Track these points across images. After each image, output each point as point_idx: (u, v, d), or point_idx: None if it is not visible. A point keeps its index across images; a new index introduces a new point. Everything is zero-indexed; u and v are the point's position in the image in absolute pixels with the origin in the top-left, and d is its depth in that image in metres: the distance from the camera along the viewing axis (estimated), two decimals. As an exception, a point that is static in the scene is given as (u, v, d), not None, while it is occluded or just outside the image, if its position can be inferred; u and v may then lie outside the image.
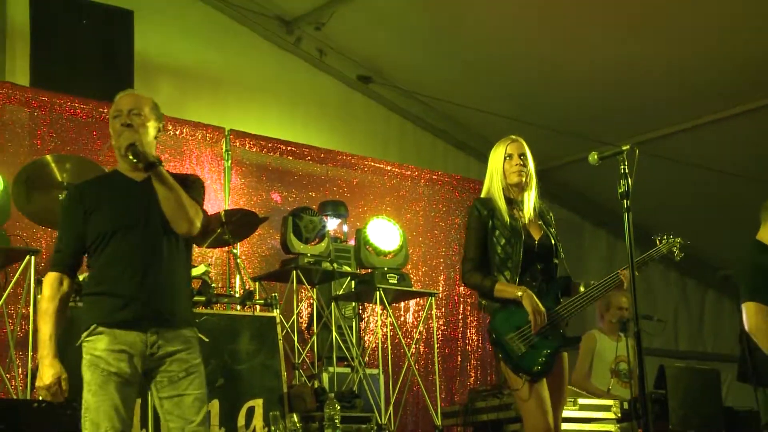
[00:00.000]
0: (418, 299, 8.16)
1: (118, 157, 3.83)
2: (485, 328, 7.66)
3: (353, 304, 7.40)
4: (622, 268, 4.52)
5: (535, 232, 4.57)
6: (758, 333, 5.35)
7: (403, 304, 8.26)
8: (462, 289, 8.80)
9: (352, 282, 7.32)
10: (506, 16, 8.21)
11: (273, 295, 6.35)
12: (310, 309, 7.25)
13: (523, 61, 8.67)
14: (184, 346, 3.73)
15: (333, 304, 7.11)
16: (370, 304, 7.45)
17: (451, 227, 8.97)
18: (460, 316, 8.87)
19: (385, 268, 7.09)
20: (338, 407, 5.72)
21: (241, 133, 7.79)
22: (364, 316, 7.71)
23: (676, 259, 4.81)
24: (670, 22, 7.92)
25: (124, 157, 3.72)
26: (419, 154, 9.57)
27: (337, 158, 8.46)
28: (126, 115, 3.76)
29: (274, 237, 7.55)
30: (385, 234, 7.28)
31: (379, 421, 6.48)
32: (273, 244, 7.64)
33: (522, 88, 8.98)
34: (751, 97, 8.78)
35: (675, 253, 4.78)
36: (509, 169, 4.58)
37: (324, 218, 7.29)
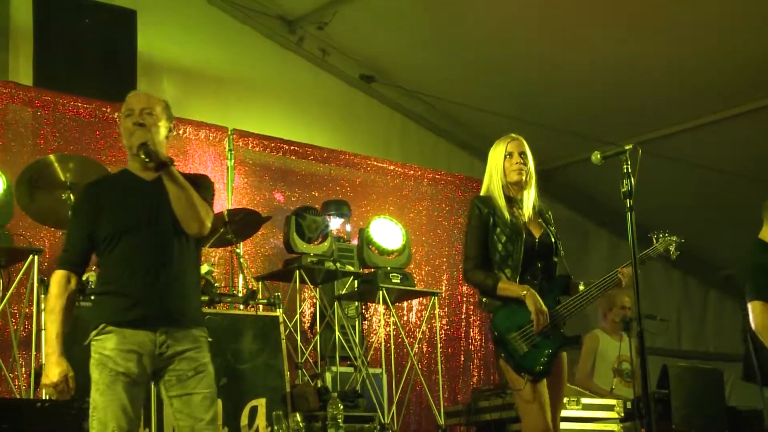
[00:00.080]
0: (421, 299, 8.16)
1: (129, 156, 3.82)
2: (488, 328, 7.64)
3: (356, 303, 7.40)
4: (621, 267, 4.53)
5: (536, 230, 4.57)
6: (764, 332, 5.35)
7: (406, 304, 8.26)
8: (465, 288, 8.80)
9: (355, 281, 7.32)
10: (509, 16, 8.21)
11: (276, 294, 6.36)
12: (313, 308, 7.25)
13: (526, 61, 8.67)
14: (193, 345, 3.72)
15: (336, 303, 7.12)
16: (373, 304, 7.45)
17: (454, 227, 8.97)
18: (463, 316, 8.87)
19: (388, 268, 7.08)
20: (341, 407, 5.73)
21: (244, 132, 7.81)
22: (367, 315, 7.71)
23: (672, 258, 4.81)
24: (670, 22, 7.92)
25: (136, 156, 3.70)
26: (422, 154, 9.57)
27: (340, 158, 8.46)
28: (138, 114, 3.74)
29: (277, 236, 7.55)
30: (388, 233, 7.28)
31: (382, 421, 6.48)
32: (276, 243, 7.65)
33: (524, 88, 8.98)
34: (752, 97, 8.77)
35: (671, 252, 4.78)
36: (509, 167, 4.57)
37: (327, 218, 7.29)
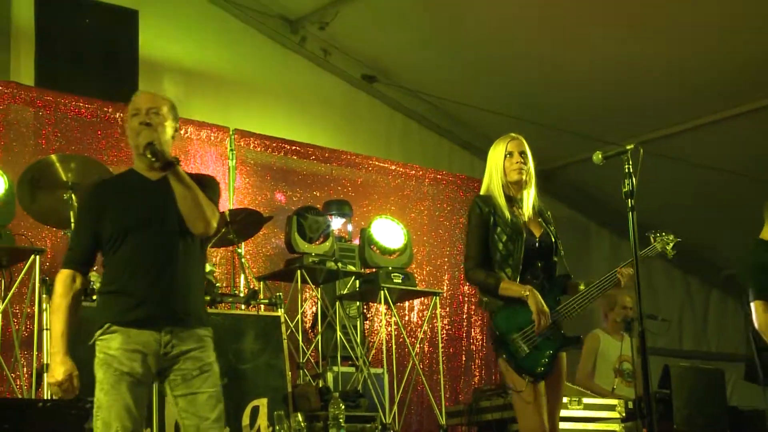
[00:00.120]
0: (422, 298, 8.15)
1: (135, 155, 3.81)
2: (489, 327, 7.63)
3: (358, 303, 7.40)
4: (620, 267, 4.53)
5: (536, 230, 4.57)
6: (767, 331, 5.35)
7: (407, 304, 8.26)
8: (466, 288, 8.80)
9: (357, 281, 7.32)
10: (510, 16, 8.21)
11: (277, 294, 6.35)
12: (315, 308, 7.25)
13: (527, 61, 8.67)
14: (197, 344, 3.71)
15: (337, 303, 7.11)
16: (375, 304, 7.44)
17: (456, 226, 8.96)
18: (465, 316, 8.86)
19: (390, 268, 7.08)
20: (342, 407, 5.73)
21: (246, 132, 7.80)
22: (369, 315, 7.71)
23: (669, 257, 4.80)
24: (670, 22, 7.92)
25: (142, 156, 3.70)
26: (424, 154, 9.56)
27: (342, 158, 8.46)
28: (145, 113, 3.74)
29: (279, 236, 7.55)
30: (389, 233, 7.28)
31: (384, 421, 6.48)
32: (277, 243, 7.64)
33: (526, 88, 8.98)
34: (752, 97, 8.77)
35: (668, 251, 4.77)
36: (509, 166, 4.56)
37: (328, 218, 7.29)
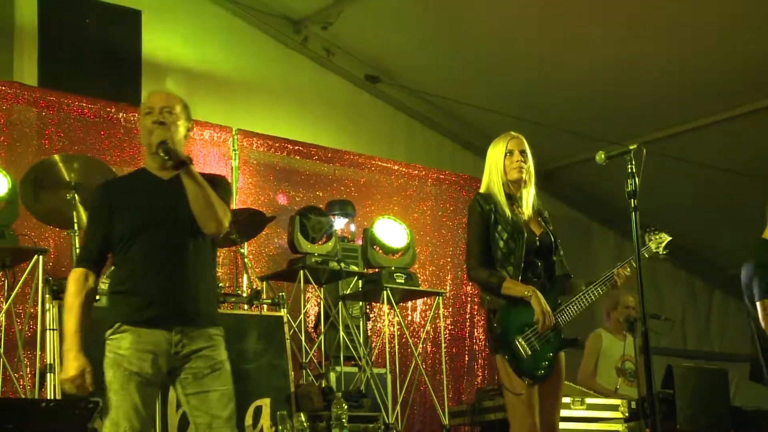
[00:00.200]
0: (425, 299, 8.15)
1: (148, 154, 3.81)
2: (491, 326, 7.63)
3: (360, 303, 7.40)
4: (617, 267, 4.52)
5: (536, 229, 4.57)
6: None
7: (410, 304, 8.26)
8: (469, 288, 8.80)
9: (360, 281, 7.31)
10: (512, 16, 8.21)
11: (280, 294, 6.35)
12: (318, 308, 7.26)
13: (530, 61, 8.66)
14: (208, 343, 3.70)
15: (340, 303, 7.11)
16: (378, 304, 7.45)
17: (459, 227, 8.95)
18: (468, 316, 8.86)
19: (393, 268, 7.07)
20: (345, 406, 5.72)
21: (249, 132, 7.81)
22: (372, 315, 7.71)
23: (660, 256, 4.79)
24: (671, 22, 7.91)
25: (155, 155, 3.70)
26: (427, 154, 9.56)
27: (345, 158, 8.46)
28: (158, 112, 3.73)
29: (282, 236, 7.55)
30: (392, 233, 7.27)
31: (387, 421, 6.47)
32: (280, 243, 7.65)
33: (528, 88, 8.97)
34: (753, 98, 8.76)
35: (660, 251, 4.76)
36: (510, 165, 4.57)
37: (331, 218, 7.28)
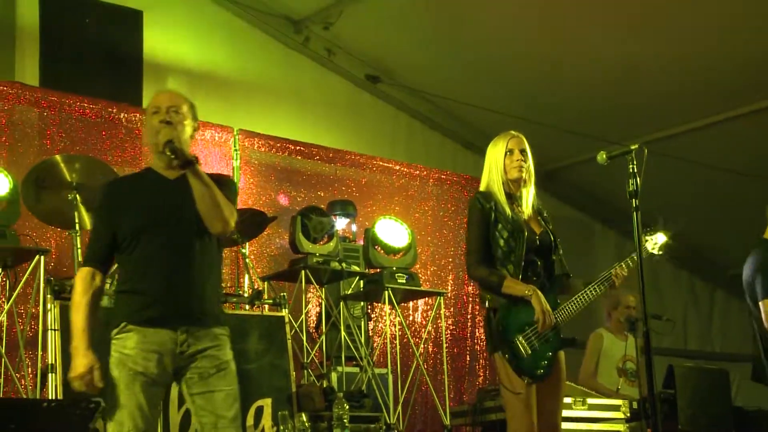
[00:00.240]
0: (426, 299, 8.15)
1: (154, 153, 3.80)
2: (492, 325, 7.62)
3: (362, 303, 7.40)
4: (614, 268, 4.52)
5: (536, 228, 4.57)
6: None
7: (411, 304, 8.25)
8: (471, 288, 8.79)
9: (361, 282, 7.31)
10: (514, 16, 8.21)
11: (282, 294, 6.34)
12: (319, 309, 7.25)
13: (530, 61, 8.66)
14: (213, 343, 3.70)
15: (342, 303, 7.11)
16: (379, 304, 7.44)
17: (460, 227, 8.94)
18: (469, 316, 8.85)
19: (394, 268, 7.07)
20: (347, 407, 5.72)
21: (250, 132, 7.80)
22: (373, 315, 7.71)
23: (656, 257, 4.78)
24: (671, 22, 7.91)
25: (161, 154, 3.68)
26: (428, 154, 9.56)
27: (346, 158, 8.45)
28: (165, 112, 3.73)
29: (283, 237, 7.54)
30: (393, 233, 7.27)
31: (388, 421, 6.47)
32: (282, 243, 7.64)
33: (529, 88, 8.97)
34: (754, 98, 8.76)
35: (655, 251, 4.76)
36: (510, 164, 4.57)
37: (333, 218, 7.28)
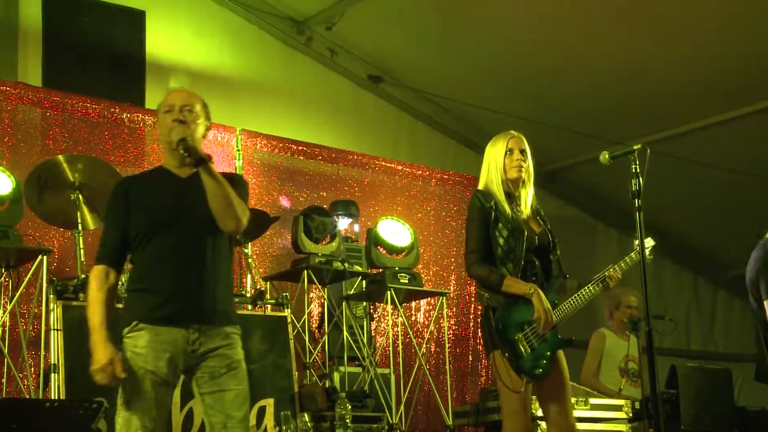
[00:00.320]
0: (429, 299, 8.15)
1: (167, 152, 3.79)
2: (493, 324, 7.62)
3: (364, 303, 7.40)
4: (606, 269, 4.51)
5: (535, 228, 4.57)
6: None
7: (414, 304, 8.25)
8: (473, 288, 8.77)
9: (363, 282, 7.31)
10: (517, 16, 8.21)
11: (284, 294, 6.36)
12: (321, 309, 7.26)
13: (533, 61, 8.67)
14: (225, 342, 3.70)
15: (344, 303, 7.11)
16: (381, 304, 7.45)
17: (462, 227, 8.79)
18: (472, 316, 8.85)
19: (396, 268, 7.07)
20: (349, 407, 5.73)
21: (253, 132, 7.81)
22: (375, 315, 7.71)
23: (648, 260, 4.76)
24: (674, 22, 7.91)
25: (174, 152, 3.69)
26: (430, 154, 9.56)
27: (348, 158, 8.46)
28: (178, 110, 3.73)
29: (285, 237, 7.55)
30: (396, 233, 7.26)
31: (390, 421, 6.47)
32: (284, 243, 7.65)
33: (532, 88, 8.98)
34: (757, 98, 8.75)
35: (647, 256, 4.73)
36: (509, 164, 4.56)
37: (335, 218, 7.29)
